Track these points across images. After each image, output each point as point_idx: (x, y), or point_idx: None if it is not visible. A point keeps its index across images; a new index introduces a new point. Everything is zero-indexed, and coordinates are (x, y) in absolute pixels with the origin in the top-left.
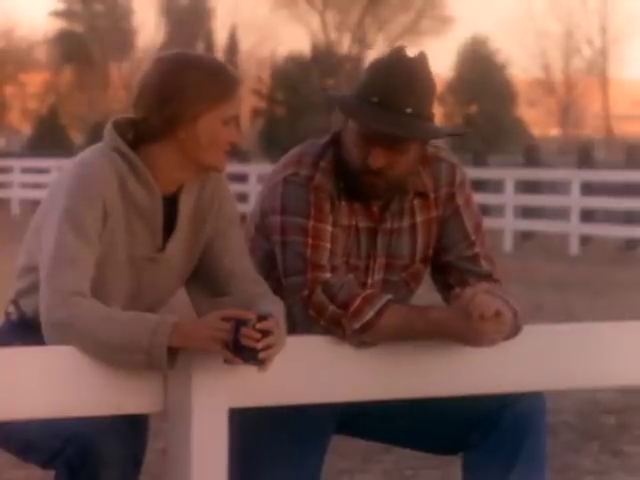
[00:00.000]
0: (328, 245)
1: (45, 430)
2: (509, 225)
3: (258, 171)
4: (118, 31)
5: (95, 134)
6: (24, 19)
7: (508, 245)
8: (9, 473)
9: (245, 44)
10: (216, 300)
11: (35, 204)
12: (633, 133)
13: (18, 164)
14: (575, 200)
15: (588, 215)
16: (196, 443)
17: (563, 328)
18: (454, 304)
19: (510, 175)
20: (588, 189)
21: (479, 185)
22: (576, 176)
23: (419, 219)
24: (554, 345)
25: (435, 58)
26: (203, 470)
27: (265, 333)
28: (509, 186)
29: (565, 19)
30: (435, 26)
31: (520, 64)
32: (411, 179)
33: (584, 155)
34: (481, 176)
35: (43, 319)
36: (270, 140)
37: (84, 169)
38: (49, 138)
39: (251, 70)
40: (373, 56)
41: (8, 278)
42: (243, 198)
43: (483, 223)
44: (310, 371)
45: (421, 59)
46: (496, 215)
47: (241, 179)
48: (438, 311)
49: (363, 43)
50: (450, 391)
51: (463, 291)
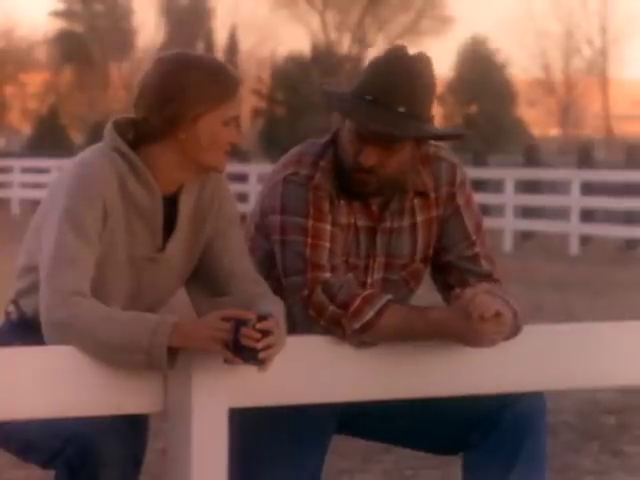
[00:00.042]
0: (328, 245)
1: (45, 430)
2: (509, 225)
3: (258, 171)
4: (118, 31)
5: (95, 134)
6: (24, 19)
7: (508, 245)
8: (9, 473)
9: (245, 44)
10: (216, 300)
11: (35, 204)
12: (633, 133)
13: (18, 164)
14: (575, 200)
15: (588, 215)
16: (196, 443)
17: (563, 328)
18: (454, 304)
19: (510, 175)
20: (588, 189)
21: (479, 185)
22: (576, 176)
23: (419, 218)
24: (554, 345)
25: (435, 58)
26: (203, 470)
27: (265, 333)
28: (509, 186)
29: (565, 19)
30: (435, 26)
31: (520, 64)
32: (410, 178)
33: (584, 155)
34: (481, 176)
35: (43, 319)
36: (270, 140)
37: (84, 169)
38: (49, 138)
39: (251, 70)
40: (373, 56)
41: (8, 278)
42: (243, 198)
43: (483, 223)
44: (310, 371)
45: (421, 59)
46: (496, 215)
47: (241, 179)
48: (438, 311)
49: (363, 43)
50: (450, 391)
51: (463, 291)
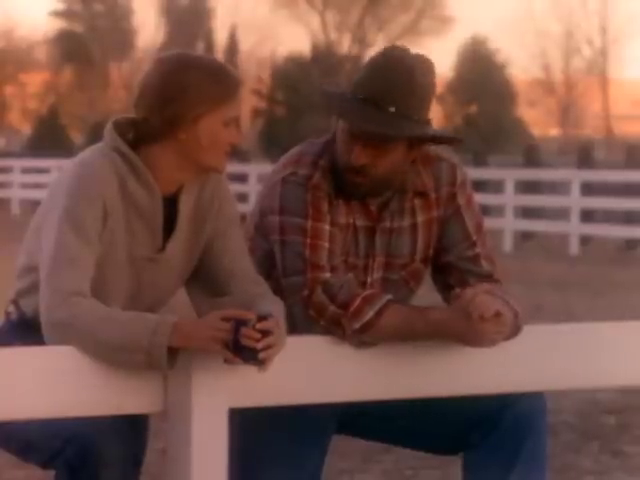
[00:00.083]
0: (327, 245)
1: (45, 430)
2: (509, 225)
3: (258, 171)
4: (118, 31)
5: (95, 134)
6: (24, 19)
7: (508, 245)
8: (9, 473)
9: (245, 44)
10: (216, 300)
11: (35, 204)
12: (633, 133)
13: (18, 164)
14: (575, 200)
15: (588, 215)
16: (196, 443)
17: (563, 328)
18: (454, 304)
19: (510, 175)
20: (588, 189)
21: (479, 185)
22: (576, 176)
23: (420, 219)
24: (554, 345)
25: (435, 58)
26: (203, 470)
27: (265, 333)
28: (509, 186)
29: (565, 19)
30: (435, 26)
31: (520, 64)
32: (410, 178)
33: (584, 155)
34: (481, 176)
35: (43, 319)
36: (270, 140)
37: (84, 169)
38: (49, 138)
39: (251, 70)
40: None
41: (8, 278)
42: (243, 198)
43: (484, 223)
44: (310, 371)
45: (417, 60)
46: (496, 215)
47: (241, 179)
48: (438, 311)
49: (363, 43)
50: (450, 391)
51: (463, 291)
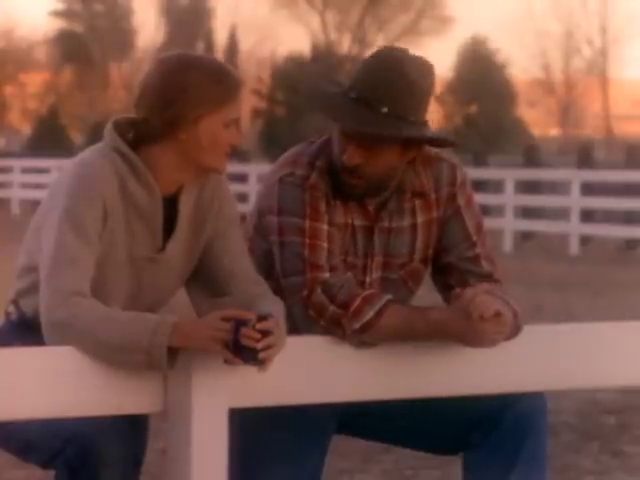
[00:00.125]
0: (325, 245)
1: (45, 430)
2: (509, 225)
3: (258, 171)
4: (118, 31)
5: (95, 134)
6: (24, 19)
7: (508, 245)
8: (9, 473)
9: (245, 44)
10: (216, 300)
11: (35, 204)
12: (633, 133)
13: (18, 164)
14: (575, 200)
15: (588, 215)
16: (196, 443)
17: (563, 328)
18: (454, 305)
19: (510, 175)
20: (588, 189)
21: (479, 185)
22: (576, 176)
23: (420, 219)
24: (554, 345)
25: (435, 58)
26: (203, 470)
27: (265, 333)
28: (509, 186)
29: (565, 19)
30: (435, 26)
31: (520, 64)
32: (409, 179)
33: (584, 155)
34: (481, 176)
35: (43, 319)
36: (270, 140)
37: (84, 169)
38: (49, 138)
39: (251, 70)
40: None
41: (8, 278)
42: (243, 198)
43: (484, 223)
44: (310, 371)
45: (414, 61)
46: (496, 215)
47: (241, 179)
48: (438, 311)
49: (363, 43)
50: (450, 391)
51: (463, 291)
